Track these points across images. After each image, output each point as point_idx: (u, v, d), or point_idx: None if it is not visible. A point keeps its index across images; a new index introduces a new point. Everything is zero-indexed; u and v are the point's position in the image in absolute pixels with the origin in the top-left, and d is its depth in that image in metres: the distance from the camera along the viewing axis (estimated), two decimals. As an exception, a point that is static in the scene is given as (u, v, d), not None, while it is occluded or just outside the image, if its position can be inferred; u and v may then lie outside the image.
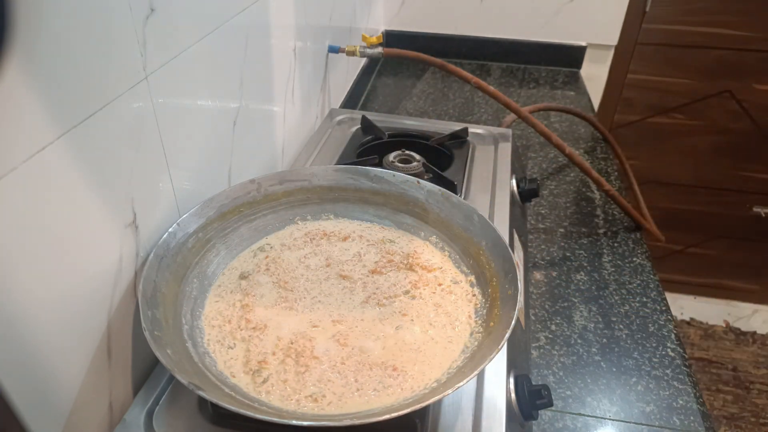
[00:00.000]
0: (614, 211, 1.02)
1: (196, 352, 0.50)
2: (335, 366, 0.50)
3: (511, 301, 0.50)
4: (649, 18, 1.58)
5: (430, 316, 0.56)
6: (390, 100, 1.42)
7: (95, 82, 0.43)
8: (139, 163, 0.50)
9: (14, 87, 0.35)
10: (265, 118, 0.80)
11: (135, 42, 0.47)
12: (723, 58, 1.61)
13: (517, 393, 0.55)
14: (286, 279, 0.60)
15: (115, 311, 0.49)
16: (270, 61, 0.78)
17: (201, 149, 0.62)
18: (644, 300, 0.83)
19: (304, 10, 0.90)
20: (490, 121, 1.30)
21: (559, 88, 1.50)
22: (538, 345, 0.75)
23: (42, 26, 0.36)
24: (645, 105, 1.73)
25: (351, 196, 0.69)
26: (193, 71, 0.58)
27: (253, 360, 0.51)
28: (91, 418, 0.48)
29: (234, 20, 0.64)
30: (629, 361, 0.73)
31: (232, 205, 0.63)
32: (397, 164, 0.81)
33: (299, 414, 0.46)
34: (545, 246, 0.93)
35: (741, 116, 1.69)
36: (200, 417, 0.49)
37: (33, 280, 0.39)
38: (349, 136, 0.96)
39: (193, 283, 0.56)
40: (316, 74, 1.02)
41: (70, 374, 0.44)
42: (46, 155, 0.38)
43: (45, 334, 0.41)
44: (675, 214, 1.92)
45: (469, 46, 1.61)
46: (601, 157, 1.19)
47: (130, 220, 0.50)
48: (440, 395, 0.42)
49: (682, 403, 0.68)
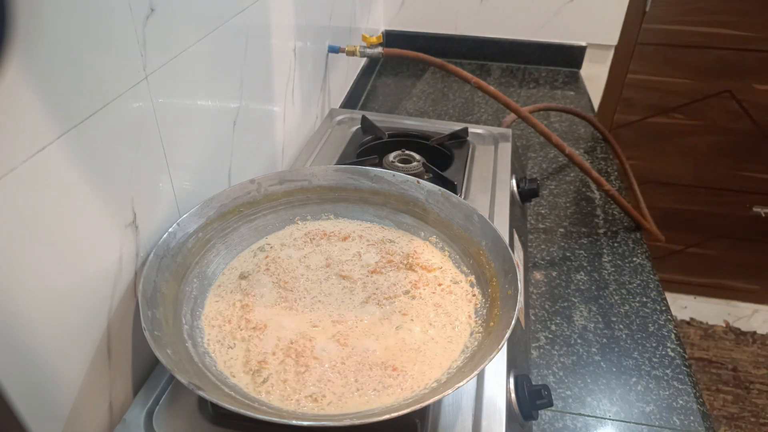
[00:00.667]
0: (614, 211, 1.02)
1: (196, 352, 0.50)
2: (335, 366, 0.50)
3: (511, 301, 0.50)
4: (649, 18, 1.58)
5: (430, 316, 0.56)
6: (390, 100, 1.42)
7: (95, 81, 0.43)
8: (139, 163, 0.50)
9: (14, 87, 0.35)
10: (265, 118, 0.80)
11: (135, 42, 0.47)
12: (723, 58, 1.61)
13: (517, 393, 0.55)
14: (286, 279, 0.60)
15: (115, 311, 0.49)
16: (270, 61, 0.78)
17: (201, 149, 0.62)
18: (644, 300, 0.83)
19: (304, 10, 0.90)
20: (490, 121, 1.30)
21: (559, 88, 1.50)
22: (538, 345, 0.75)
23: (42, 26, 0.36)
24: (645, 105, 1.73)
25: (351, 196, 0.69)
26: (193, 71, 0.58)
27: (253, 360, 0.51)
28: (91, 418, 0.48)
29: (234, 20, 0.64)
30: (629, 361, 0.73)
31: (232, 205, 0.63)
32: (397, 164, 0.81)
33: (299, 414, 0.46)
34: (545, 246, 0.93)
35: (741, 116, 1.69)
36: (200, 417, 0.49)
37: (33, 280, 0.39)
38: (349, 136, 0.96)
39: (193, 283, 0.56)
40: (316, 74, 1.02)
41: (70, 374, 0.44)
42: (46, 155, 0.38)
43: (45, 334, 0.41)
44: (675, 214, 1.92)
45: (469, 46, 1.61)
46: (601, 157, 1.19)
47: (130, 220, 0.50)
48: (440, 395, 0.42)
49: (682, 403, 0.68)
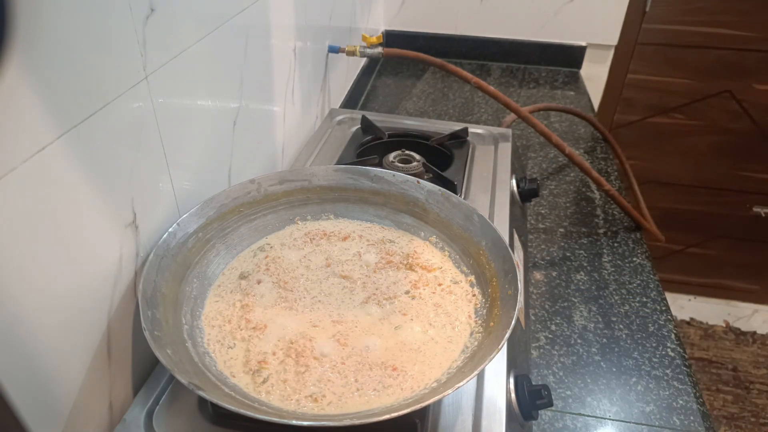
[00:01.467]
0: (614, 211, 1.02)
1: (196, 352, 0.50)
2: (335, 366, 0.50)
3: (511, 301, 0.50)
4: (649, 18, 1.58)
5: (430, 316, 0.56)
6: (390, 100, 1.42)
7: (95, 81, 0.43)
8: (139, 163, 0.50)
9: (14, 87, 0.35)
10: (265, 118, 0.80)
11: (135, 42, 0.47)
12: (723, 58, 1.61)
13: (517, 393, 0.55)
14: (286, 279, 0.60)
15: (115, 311, 0.49)
16: (270, 61, 0.78)
17: (201, 149, 0.62)
18: (644, 300, 0.83)
19: (304, 10, 0.90)
20: (490, 121, 1.30)
21: (559, 88, 1.50)
22: (538, 345, 0.75)
23: (42, 26, 0.36)
24: (645, 105, 1.73)
25: (351, 196, 0.69)
26: (193, 71, 0.58)
27: (252, 360, 0.51)
28: (91, 418, 0.48)
29: (234, 20, 0.64)
30: (629, 361, 0.73)
31: (232, 205, 0.63)
32: (397, 164, 0.81)
33: (299, 414, 0.46)
34: (545, 246, 0.93)
35: (741, 116, 1.69)
36: (200, 417, 0.49)
37: (33, 280, 0.39)
38: (349, 136, 0.96)
39: (193, 283, 0.56)
40: (316, 74, 1.02)
41: (70, 374, 0.44)
42: (46, 155, 0.38)
43: (45, 333, 0.41)
44: (675, 214, 1.92)
45: (469, 46, 1.61)
46: (601, 157, 1.19)
47: (130, 220, 0.50)
48: (440, 395, 0.42)
49: (682, 403, 0.68)
